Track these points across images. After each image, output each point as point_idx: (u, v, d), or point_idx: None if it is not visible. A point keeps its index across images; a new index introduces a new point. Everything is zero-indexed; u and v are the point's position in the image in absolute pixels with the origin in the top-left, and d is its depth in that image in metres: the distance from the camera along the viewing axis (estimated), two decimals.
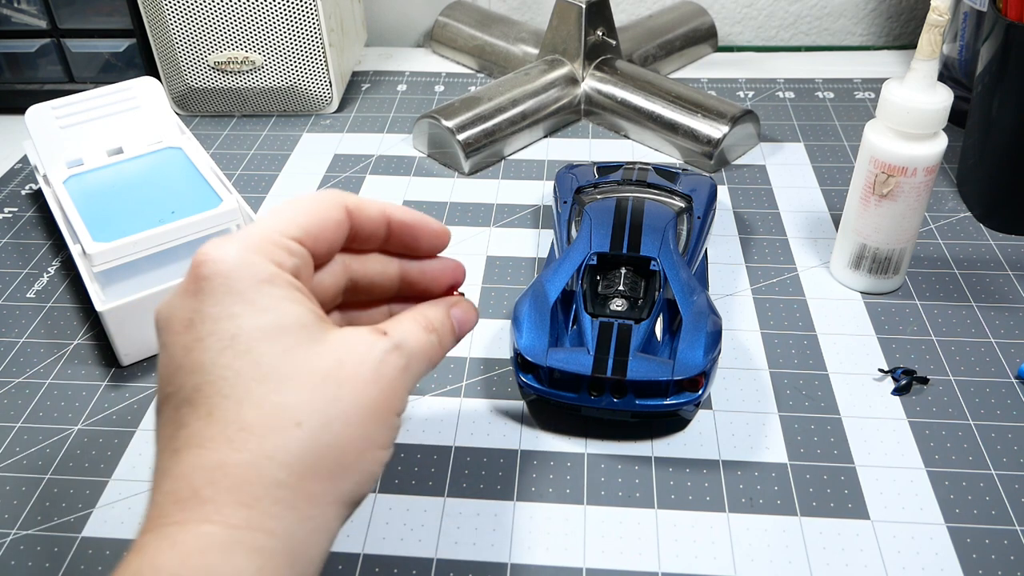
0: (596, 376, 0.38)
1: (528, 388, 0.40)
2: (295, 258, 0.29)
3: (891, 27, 0.80)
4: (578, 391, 0.39)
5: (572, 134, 0.65)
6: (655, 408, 0.38)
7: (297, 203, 0.30)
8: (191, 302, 0.27)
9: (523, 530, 0.36)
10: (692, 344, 0.39)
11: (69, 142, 0.52)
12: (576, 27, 0.64)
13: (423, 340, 0.31)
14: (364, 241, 0.33)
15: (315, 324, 0.28)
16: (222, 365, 0.26)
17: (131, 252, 0.45)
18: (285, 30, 0.64)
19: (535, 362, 0.39)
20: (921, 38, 0.41)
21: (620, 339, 0.39)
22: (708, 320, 0.40)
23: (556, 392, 0.39)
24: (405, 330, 0.31)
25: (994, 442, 0.40)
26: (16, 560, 0.36)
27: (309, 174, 0.61)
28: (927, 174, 0.44)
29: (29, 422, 0.42)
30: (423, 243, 0.35)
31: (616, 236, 0.45)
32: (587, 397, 0.39)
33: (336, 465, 0.26)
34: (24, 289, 0.51)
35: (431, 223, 0.35)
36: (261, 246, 0.28)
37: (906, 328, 0.46)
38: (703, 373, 0.38)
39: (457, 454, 0.40)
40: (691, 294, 0.41)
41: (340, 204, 0.31)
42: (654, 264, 0.43)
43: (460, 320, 0.35)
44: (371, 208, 0.33)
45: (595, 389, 0.39)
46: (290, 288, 0.28)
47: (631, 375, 0.38)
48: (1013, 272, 0.50)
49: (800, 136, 0.63)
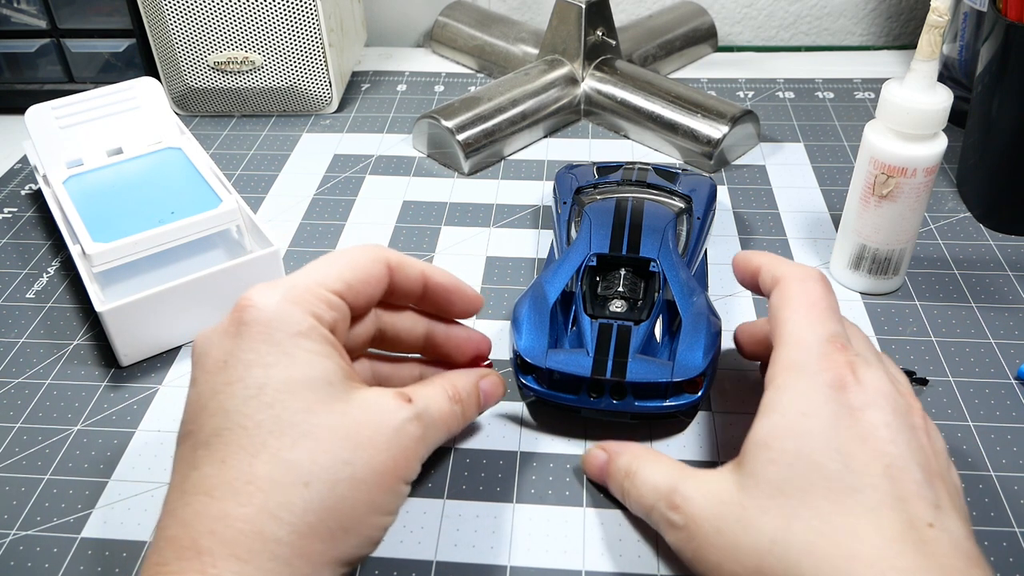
0: (595, 378, 0.38)
1: (528, 390, 0.40)
2: (334, 312, 0.30)
3: (891, 27, 0.80)
4: (577, 392, 0.39)
5: (572, 134, 0.65)
6: (654, 410, 0.38)
7: (343, 256, 0.31)
8: (228, 343, 0.28)
9: (523, 532, 0.36)
10: (691, 345, 0.39)
11: (69, 142, 0.52)
12: (576, 27, 0.64)
13: (446, 410, 0.32)
14: (400, 298, 0.34)
15: (342, 382, 0.28)
16: (244, 415, 0.26)
17: (131, 252, 0.45)
18: (285, 30, 0.64)
19: (535, 364, 0.39)
20: (921, 38, 0.41)
21: (619, 340, 0.39)
22: (707, 321, 0.40)
23: (556, 394, 0.39)
24: (430, 398, 0.31)
25: (993, 443, 0.40)
26: (15, 561, 0.36)
27: (309, 174, 0.61)
28: (927, 175, 0.43)
29: (28, 422, 0.42)
30: (456, 307, 0.36)
31: (616, 237, 0.45)
32: (586, 399, 0.39)
33: (338, 527, 0.26)
34: (24, 289, 0.51)
35: (466, 290, 0.36)
36: (303, 298, 0.29)
37: (906, 329, 0.46)
38: (702, 374, 0.38)
39: (456, 456, 0.40)
40: (691, 295, 0.41)
41: (383, 260, 0.32)
42: (653, 265, 0.43)
43: (487, 393, 0.36)
44: (412, 268, 0.34)
45: (594, 390, 0.39)
46: (324, 343, 0.28)
47: (630, 376, 0.38)
48: (1013, 272, 0.50)
49: (800, 136, 0.63)
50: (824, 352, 0.30)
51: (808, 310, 0.32)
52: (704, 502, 0.30)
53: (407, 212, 0.57)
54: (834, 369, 0.30)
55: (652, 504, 0.33)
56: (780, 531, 0.27)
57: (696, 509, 0.30)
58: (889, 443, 0.28)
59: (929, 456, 0.29)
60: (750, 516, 0.28)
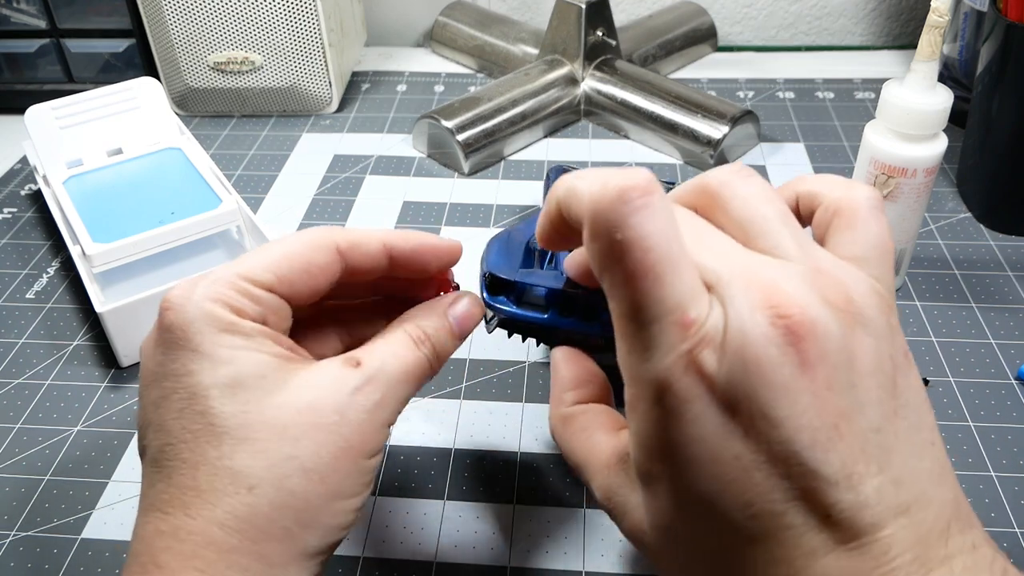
0: (567, 290, 0.35)
1: (496, 310, 0.36)
2: (259, 306, 0.28)
3: (891, 27, 0.80)
4: (547, 310, 0.35)
5: (572, 134, 0.65)
6: None
7: (279, 244, 0.29)
8: (158, 354, 0.27)
9: (523, 533, 0.36)
10: None
11: (69, 142, 0.52)
12: (576, 27, 0.64)
13: (409, 359, 0.29)
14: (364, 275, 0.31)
15: (275, 372, 0.27)
16: (181, 427, 0.26)
17: (131, 253, 0.45)
18: (285, 30, 0.64)
19: (505, 277, 0.35)
20: (921, 39, 0.41)
21: None
22: None
23: (525, 313, 0.36)
24: (386, 353, 0.29)
25: (994, 443, 0.40)
26: (15, 562, 0.36)
27: (309, 174, 0.61)
28: (927, 175, 0.43)
29: (29, 423, 0.42)
30: (433, 264, 0.33)
31: None
32: (557, 317, 0.35)
33: (294, 523, 0.26)
34: (24, 290, 0.51)
35: (436, 243, 0.33)
36: (222, 293, 0.27)
37: (906, 329, 0.46)
38: None
39: (457, 456, 0.40)
40: None
41: (329, 246, 0.30)
42: None
43: (460, 318, 0.33)
44: (369, 244, 0.31)
45: (566, 307, 0.35)
46: (250, 336, 0.27)
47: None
48: (1013, 272, 0.50)
49: (800, 136, 0.63)
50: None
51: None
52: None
53: (407, 212, 0.57)
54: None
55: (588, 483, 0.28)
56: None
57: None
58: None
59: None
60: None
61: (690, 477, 0.23)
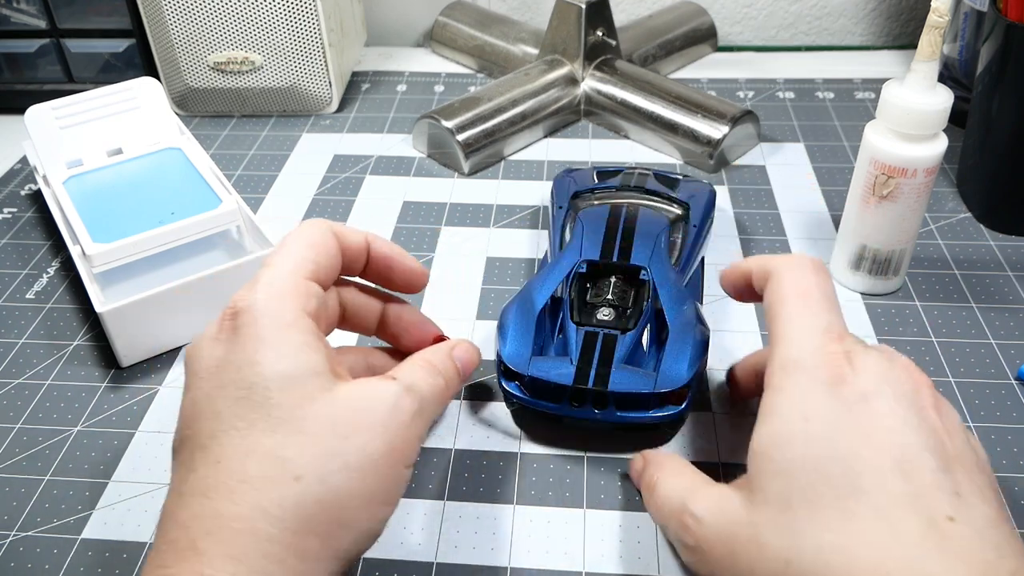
0: (577, 387, 0.37)
1: (510, 396, 0.39)
2: (314, 299, 0.30)
3: (891, 27, 0.80)
4: (559, 401, 0.38)
5: (572, 134, 0.65)
6: (637, 420, 0.38)
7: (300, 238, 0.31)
8: (219, 349, 0.28)
9: (523, 534, 0.36)
10: (677, 357, 0.38)
11: (69, 142, 0.52)
12: (576, 27, 0.64)
13: (431, 382, 0.31)
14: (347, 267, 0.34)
15: (328, 373, 0.28)
16: (237, 415, 0.27)
17: (131, 253, 0.45)
18: (285, 30, 0.64)
19: (517, 371, 0.38)
20: (921, 39, 0.41)
21: (604, 349, 0.39)
22: (695, 331, 0.39)
23: (537, 401, 0.39)
24: (413, 373, 0.31)
25: (994, 444, 0.40)
26: (15, 562, 0.36)
27: (309, 174, 0.61)
28: (927, 175, 0.43)
29: (29, 423, 0.42)
30: (396, 276, 0.35)
31: (607, 243, 0.44)
32: (568, 407, 0.38)
33: (333, 521, 0.26)
34: (24, 290, 0.51)
35: (408, 260, 0.35)
36: (285, 290, 0.29)
37: (906, 329, 0.46)
38: (686, 386, 0.37)
39: (456, 457, 0.40)
40: (680, 304, 0.41)
41: (333, 232, 0.32)
42: (644, 273, 0.42)
43: (463, 360, 0.35)
44: (354, 235, 0.33)
45: (576, 400, 0.38)
46: (309, 334, 0.29)
47: (613, 387, 0.37)
48: (1013, 272, 0.50)
49: (800, 136, 0.63)
50: (819, 346, 0.29)
51: (802, 301, 0.30)
52: (714, 523, 0.29)
53: (407, 212, 0.57)
54: (831, 364, 0.28)
55: (666, 522, 0.32)
56: (793, 551, 0.26)
57: (707, 531, 0.29)
58: (896, 434, 0.26)
59: (942, 437, 0.27)
60: (762, 536, 0.27)
61: None
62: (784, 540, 0.26)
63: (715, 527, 0.29)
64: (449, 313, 0.48)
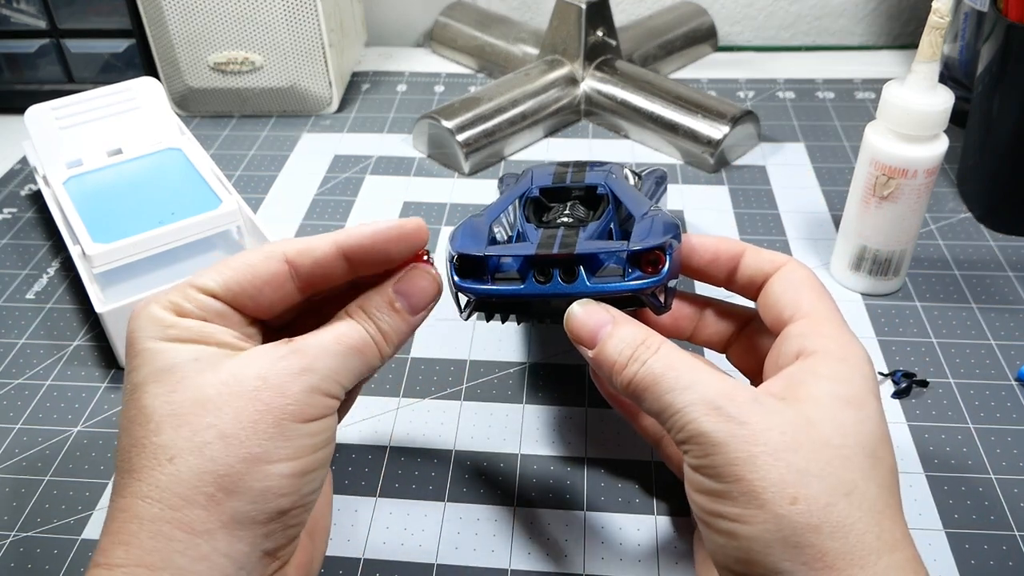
0: (540, 254, 0.32)
1: (469, 291, 0.34)
2: (202, 310, 0.30)
3: (891, 27, 0.80)
4: (523, 280, 0.33)
5: (572, 134, 0.65)
6: (613, 291, 0.32)
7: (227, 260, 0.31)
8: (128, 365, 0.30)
9: (523, 535, 0.36)
10: (647, 229, 0.34)
11: (69, 142, 0.52)
12: (576, 27, 0.64)
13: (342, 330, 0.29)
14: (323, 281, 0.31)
15: (211, 357, 0.29)
16: (127, 419, 0.28)
17: (131, 253, 0.45)
18: (285, 30, 0.64)
19: (473, 254, 0.33)
20: (922, 40, 0.41)
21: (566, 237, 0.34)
22: (663, 214, 0.35)
23: (499, 289, 0.33)
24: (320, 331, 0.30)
25: (994, 445, 0.40)
26: (15, 562, 0.36)
27: (309, 174, 0.61)
28: (927, 176, 0.43)
29: (29, 423, 0.42)
30: (395, 252, 0.31)
31: (558, 178, 0.40)
32: (533, 284, 0.33)
33: (217, 489, 0.26)
34: (24, 290, 0.51)
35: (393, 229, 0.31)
36: (167, 301, 0.29)
37: (906, 330, 0.46)
38: (661, 248, 0.32)
39: (457, 458, 0.40)
40: (645, 205, 0.37)
41: (275, 255, 0.30)
42: (601, 188, 0.38)
43: (405, 292, 0.31)
44: (318, 248, 0.30)
45: (541, 273, 0.33)
46: (188, 330, 0.29)
47: (580, 250, 0.32)
48: (1013, 273, 0.50)
49: (800, 136, 0.63)
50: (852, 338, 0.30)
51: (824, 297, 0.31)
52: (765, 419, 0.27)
53: (407, 212, 0.57)
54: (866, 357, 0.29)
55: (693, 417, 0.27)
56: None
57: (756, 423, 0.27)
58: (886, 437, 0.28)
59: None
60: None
61: None
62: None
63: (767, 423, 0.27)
64: (450, 313, 0.48)
